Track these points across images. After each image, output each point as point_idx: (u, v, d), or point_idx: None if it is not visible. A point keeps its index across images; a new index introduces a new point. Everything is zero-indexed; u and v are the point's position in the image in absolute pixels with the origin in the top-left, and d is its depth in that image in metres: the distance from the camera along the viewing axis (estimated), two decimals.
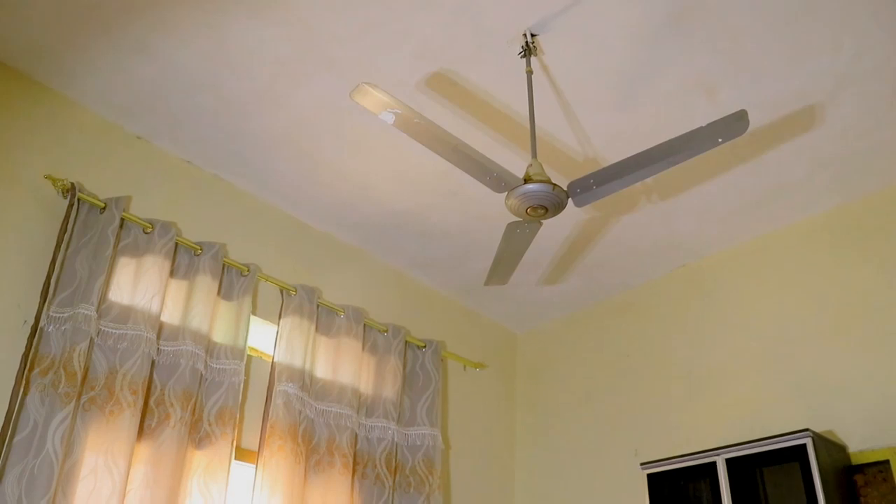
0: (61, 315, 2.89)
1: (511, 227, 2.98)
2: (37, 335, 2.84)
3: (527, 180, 2.66)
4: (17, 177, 3.07)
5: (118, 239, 3.18)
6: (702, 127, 2.48)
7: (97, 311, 2.96)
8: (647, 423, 4.25)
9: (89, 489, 2.77)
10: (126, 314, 3.08)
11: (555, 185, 2.65)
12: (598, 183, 2.68)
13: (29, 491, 2.59)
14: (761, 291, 4.02)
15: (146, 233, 3.28)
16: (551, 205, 2.70)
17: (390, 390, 4.02)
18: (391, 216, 4.08)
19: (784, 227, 4.04)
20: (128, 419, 2.91)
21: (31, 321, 2.87)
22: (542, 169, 2.72)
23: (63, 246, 3.04)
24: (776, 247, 4.05)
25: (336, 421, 3.71)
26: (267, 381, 3.59)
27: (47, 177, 3.11)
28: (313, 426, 3.63)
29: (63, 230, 3.04)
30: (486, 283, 3.41)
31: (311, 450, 3.59)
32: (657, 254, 4.35)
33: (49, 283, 2.94)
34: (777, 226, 4.05)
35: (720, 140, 2.50)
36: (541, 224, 2.91)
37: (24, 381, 2.74)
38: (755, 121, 3.19)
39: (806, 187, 3.75)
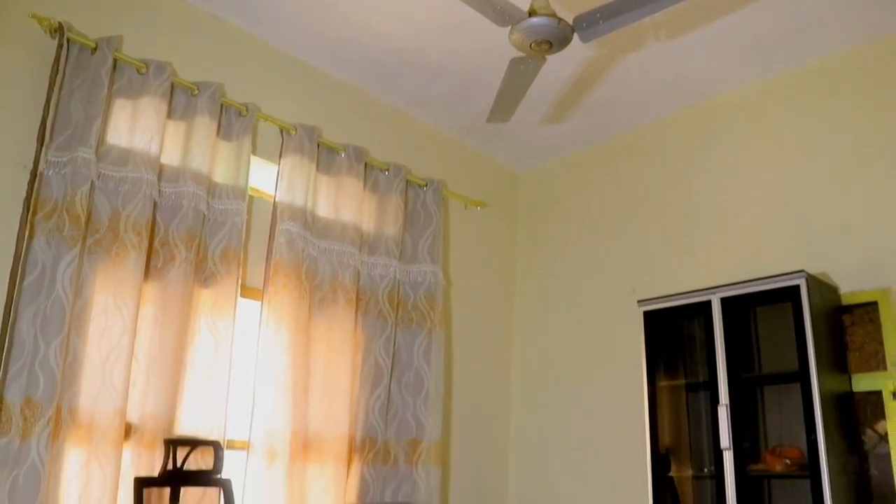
0: (60, 159, 2.87)
1: (514, 63, 2.93)
2: (37, 180, 2.83)
3: (531, 14, 2.61)
4: (1, 16, 2.95)
5: (112, 80, 3.10)
6: None
7: (96, 155, 2.94)
8: (645, 262, 4.33)
9: (101, 328, 2.87)
10: (125, 157, 3.06)
11: (560, 18, 2.60)
12: (604, 17, 2.61)
13: (44, 330, 2.68)
14: (766, 134, 3.97)
15: (140, 73, 3.19)
16: (556, 39, 2.65)
17: (392, 228, 4.07)
18: (392, 53, 3.97)
19: (795, 69, 3.93)
20: (133, 260, 2.96)
21: (31, 166, 2.86)
22: (548, 2, 2.64)
23: (56, 88, 2.96)
24: (785, 89, 3.96)
25: (339, 259, 3.77)
26: (269, 221, 3.62)
27: (33, 16, 2.98)
28: (316, 264, 3.70)
29: (54, 72, 2.96)
30: (489, 120, 3.37)
31: (315, 287, 3.68)
32: (662, 94, 4.26)
33: (45, 127, 2.90)
34: (788, 67, 3.93)
35: None
36: (545, 60, 2.86)
37: (28, 226, 2.77)
38: None
39: (823, 27, 3.60)
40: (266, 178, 3.74)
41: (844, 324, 3.38)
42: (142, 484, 2.83)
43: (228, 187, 3.40)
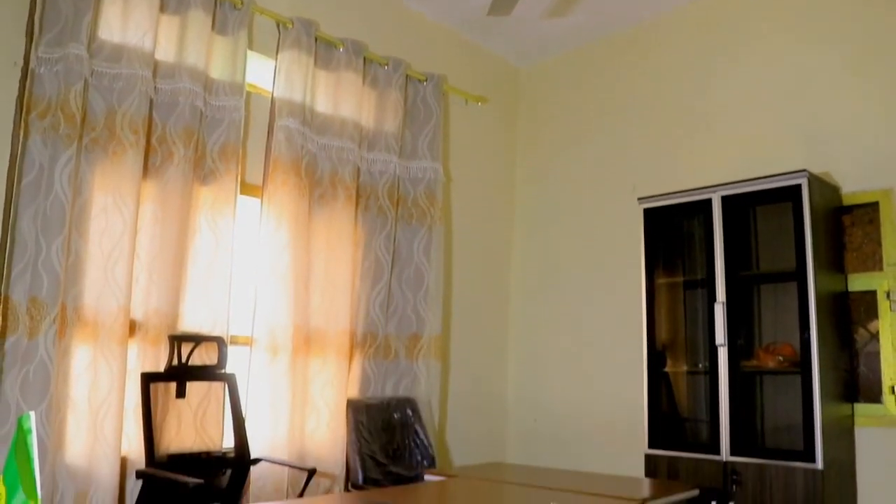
0: (51, 56, 2.79)
1: None
2: (28, 77, 2.77)
3: None
4: None
5: None
6: None
7: (88, 51, 2.86)
8: (646, 160, 4.30)
9: (102, 227, 2.87)
10: (118, 53, 2.98)
11: None
12: None
13: (45, 230, 2.68)
14: (772, 31, 3.87)
15: None
16: None
17: (391, 124, 4.02)
18: None
19: None
20: (131, 158, 2.94)
21: (21, 63, 2.78)
22: None
23: None
24: None
25: (338, 155, 3.75)
26: (267, 117, 3.57)
27: None
28: (316, 160, 3.68)
29: None
30: (489, 13, 3.29)
31: (315, 183, 3.66)
32: None
33: (33, 22, 2.81)
34: None
35: None
36: None
37: (23, 125, 2.73)
38: None
39: None
40: (263, 73, 3.66)
41: (844, 224, 3.39)
42: (148, 379, 2.90)
43: (225, 83, 3.33)
